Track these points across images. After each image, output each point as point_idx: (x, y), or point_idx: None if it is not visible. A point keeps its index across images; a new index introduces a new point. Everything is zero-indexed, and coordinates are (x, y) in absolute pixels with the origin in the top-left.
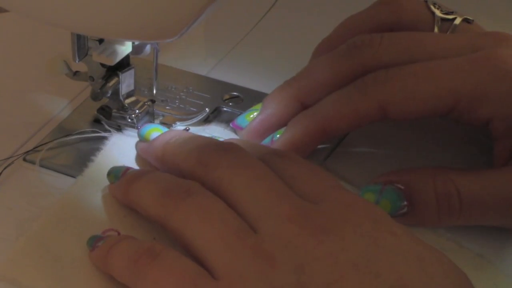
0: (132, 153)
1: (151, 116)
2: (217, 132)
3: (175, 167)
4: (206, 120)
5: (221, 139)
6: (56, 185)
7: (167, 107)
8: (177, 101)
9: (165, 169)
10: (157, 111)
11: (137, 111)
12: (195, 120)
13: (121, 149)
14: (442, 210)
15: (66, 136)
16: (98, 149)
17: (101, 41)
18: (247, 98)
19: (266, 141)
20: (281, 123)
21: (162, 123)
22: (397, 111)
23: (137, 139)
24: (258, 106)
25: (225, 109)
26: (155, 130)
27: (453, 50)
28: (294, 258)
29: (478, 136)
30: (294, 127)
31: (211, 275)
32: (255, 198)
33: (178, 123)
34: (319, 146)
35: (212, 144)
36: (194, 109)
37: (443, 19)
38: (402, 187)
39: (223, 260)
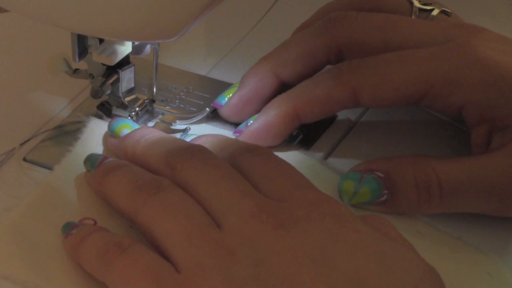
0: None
1: (150, 114)
2: (216, 131)
3: (145, 167)
4: (207, 119)
5: (193, 137)
6: (38, 178)
7: (167, 107)
8: (177, 101)
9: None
10: (157, 109)
11: (137, 108)
12: (195, 120)
13: (99, 137)
14: (422, 197)
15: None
16: (77, 139)
17: (101, 40)
18: None
19: (241, 127)
20: (259, 97)
21: (162, 122)
22: (369, 98)
23: None
24: (237, 84)
25: None
26: (125, 127)
27: (427, 36)
28: (254, 252)
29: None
30: (267, 110)
31: (175, 269)
32: (219, 195)
33: (178, 121)
34: (319, 146)
35: (180, 147)
36: (194, 109)
37: (421, 9)
38: (382, 175)
39: (185, 254)
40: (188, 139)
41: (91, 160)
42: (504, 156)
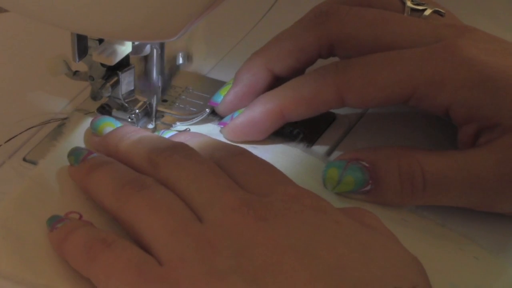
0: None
1: (151, 116)
2: (216, 132)
3: (128, 164)
4: (207, 120)
5: (172, 133)
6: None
7: (167, 107)
8: (177, 101)
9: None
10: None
11: (137, 110)
12: (195, 120)
13: (82, 131)
14: (405, 189)
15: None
16: (61, 133)
17: (101, 41)
18: None
19: (226, 119)
20: (253, 92)
21: (163, 123)
22: (355, 99)
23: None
24: (231, 80)
25: None
26: (108, 125)
27: (417, 35)
28: (235, 244)
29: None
30: (254, 106)
31: (158, 262)
32: (200, 190)
33: (178, 123)
34: (319, 146)
35: (163, 144)
36: (194, 109)
37: (413, 9)
38: (367, 165)
39: (167, 247)
40: (167, 135)
41: (75, 154)
42: (489, 151)
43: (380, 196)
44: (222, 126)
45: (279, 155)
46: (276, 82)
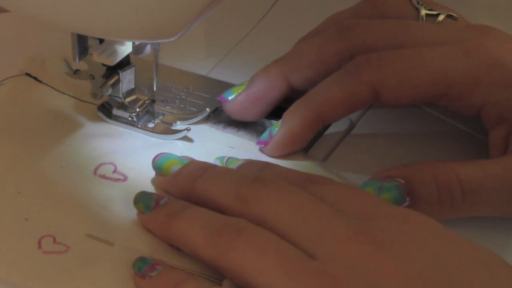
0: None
1: (151, 115)
2: (216, 132)
3: (210, 203)
4: (208, 120)
5: (239, 162)
6: None
7: (167, 107)
8: (177, 101)
9: (195, 203)
10: (157, 110)
11: (137, 109)
12: (195, 119)
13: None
14: (443, 201)
15: None
16: None
17: (101, 41)
18: None
19: (264, 136)
20: (266, 99)
21: (163, 122)
22: (390, 95)
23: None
24: (246, 82)
25: None
26: (173, 163)
27: (439, 38)
28: (361, 277)
29: (472, 133)
30: (290, 118)
31: None
32: (305, 223)
33: (178, 122)
34: (317, 148)
35: (247, 178)
36: (194, 109)
37: (427, 15)
38: (402, 181)
39: None
40: (235, 165)
41: (143, 201)
42: None
43: (419, 211)
44: (262, 145)
45: (274, 161)
46: (290, 93)
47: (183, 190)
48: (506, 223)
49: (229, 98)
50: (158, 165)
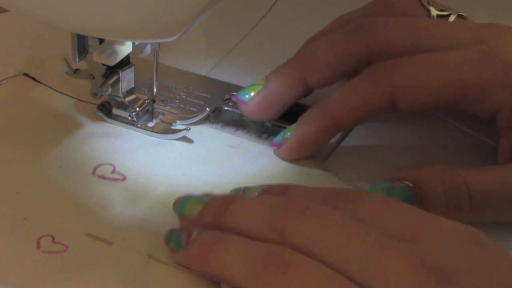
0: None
1: (151, 115)
2: (216, 132)
3: (243, 235)
4: (207, 120)
5: (257, 191)
6: None
7: (167, 107)
8: (177, 101)
9: None
10: (157, 109)
11: (137, 108)
12: (195, 119)
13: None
14: (451, 207)
15: None
16: None
17: (101, 40)
18: None
19: (277, 139)
20: (283, 101)
21: (163, 122)
22: (406, 101)
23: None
24: (261, 81)
25: (225, 108)
26: (194, 204)
27: (457, 38)
28: None
29: (477, 135)
30: (305, 123)
31: None
32: (356, 256)
33: (178, 121)
34: None
35: (278, 206)
36: (194, 109)
37: (438, 16)
38: (411, 185)
39: None
40: (253, 193)
41: (174, 240)
42: None
43: None
44: (274, 147)
45: (273, 161)
46: (306, 93)
47: (209, 227)
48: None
49: (245, 98)
50: (180, 210)
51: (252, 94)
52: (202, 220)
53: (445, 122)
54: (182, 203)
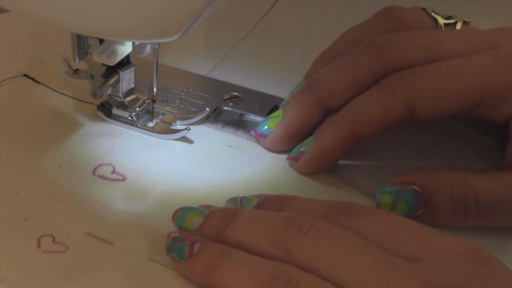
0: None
1: (151, 115)
2: (215, 132)
3: (244, 251)
4: (207, 120)
5: (255, 201)
6: None
7: (167, 107)
8: (177, 101)
9: None
10: (157, 109)
11: (137, 108)
12: (195, 119)
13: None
14: (457, 215)
15: None
16: None
17: (101, 40)
18: (247, 98)
19: (295, 153)
20: (305, 129)
21: (163, 122)
22: (425, 111)
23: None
24: (279, 113)
25: (225, 108)
26: (194, 216)
27: (471, 46)
28: None
29: (483, 139)
30: (323, 135)
31: None
32: (362, 274)
33: (178, 121)
34: None
35: (281, 222)
36: (194, 109)
37: (446, 24)
38: (419, 189)
39: None
40: (250, 204)
41: (176, 250)
42: None
43: (432, 219)
44: (292, 161)
45: (273, 161)
46: (326, 116)
47: (211, 239)
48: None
49: (264, 130)
50: (179, 222)
51: (271, 126)
52: (203, 232)
53: (448, 123)
54: (182, 215)
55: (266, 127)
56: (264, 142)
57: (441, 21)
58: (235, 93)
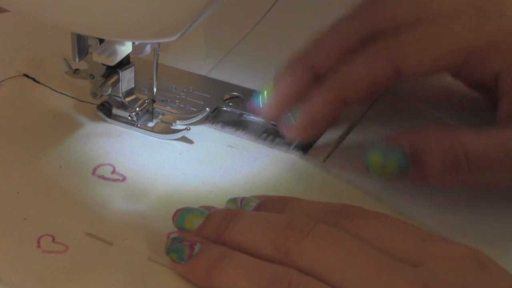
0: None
1: (151, 115)
2: (215, 132)
3: (244, 252)
4: (207, 120)
5: (255, 202)
6: None
7: (167, 107)
8: (177, 101)
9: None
10: (157, 109)
11: (137, 108)
12: (195, 119)
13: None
14: (448, 171)
15: None
16: None
17: (101, 41)
18: (247, 98)
19: (285, 119)
20: (298, 95)
21: (162, 122)
22: (412, 69)
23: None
24: (270, 84)
25: (225, 109)
26: (195, 217)
27: (456, 7)
28: None
29: None
30: (312, 100)
31: None
32: (361, 278)
33: (178, 121)
34: (320, 146)
35: (281, 224)
36: (194, 109)
37: None
38: (409, 148)
39: None
40: (250, 205)
41: (176, 251)
42: None
43: (422, 177)
44: (284, 128)
45: (273, 161)
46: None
47: (210, 240)
48: (506, 224)
49: (259, 102)
50: (179, 223)
51: (266, 95)
52: (203, 233)
53: (445, 122)
54: (182, 216)
55: (258, 99)
56: (263, 112)
57: None
58: (235, 93)
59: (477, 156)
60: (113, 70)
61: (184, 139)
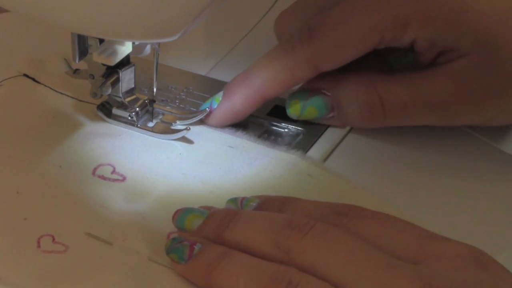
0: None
1: (151, 115)
2: (215, 132)
3: (244, 252)
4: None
5: (256, 202)
6: None
7: (167, 107)
8: (177, 101)
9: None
10: (157, 109)
11: (137, 108)
12: (195, 119)
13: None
14: (365, 118)
15: None
16: None
17: (101, 41)
18: None
19: (205, 106)
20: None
21: (162, 122)
22: (329, 64)
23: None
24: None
25: None
26: (195, 218)
27: None
28: None
29: (475, 134)
30: (232, 96)
31: None
32: (362, 277)
33: (178, 121)
34: (320, 146)
35: (281, 224)
36: (194, 109)
37: None
38: (328, 94)
39: None
40: (251, 205)
41: (176, 251)
42: (447, 75)
43: (343, 122)
44: (203, 115)
45: (273, 161)
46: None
47: (209, 239)
48: (505, 223)
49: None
50: (179, 223)
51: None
52: (203, 233)
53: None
54: (182, 216)
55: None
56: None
57: None
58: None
59: (392, 103)
60: (113, 70)
61: (184, 139)
